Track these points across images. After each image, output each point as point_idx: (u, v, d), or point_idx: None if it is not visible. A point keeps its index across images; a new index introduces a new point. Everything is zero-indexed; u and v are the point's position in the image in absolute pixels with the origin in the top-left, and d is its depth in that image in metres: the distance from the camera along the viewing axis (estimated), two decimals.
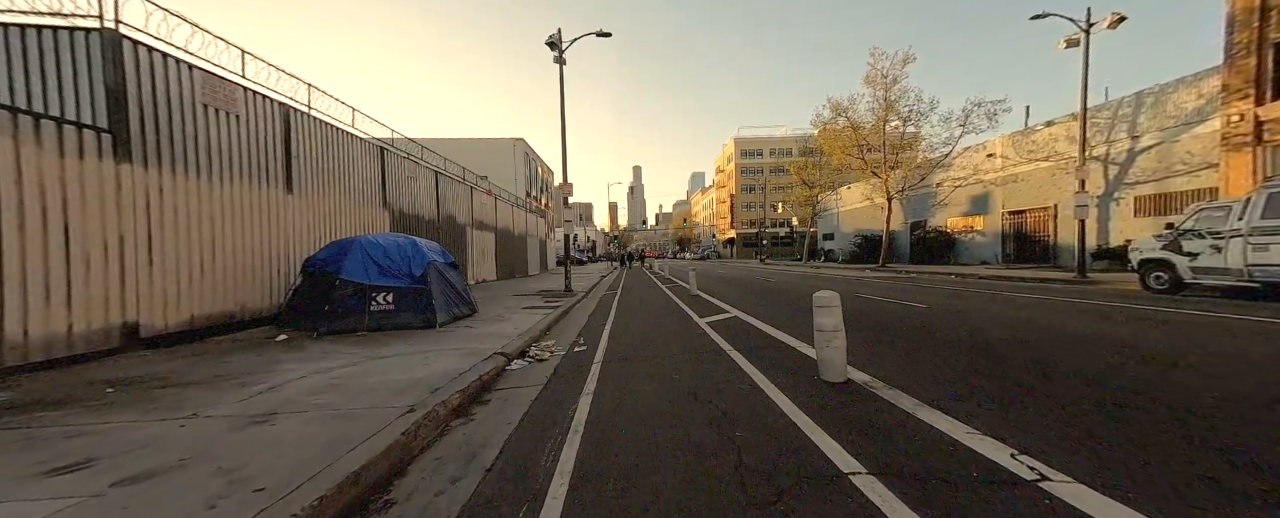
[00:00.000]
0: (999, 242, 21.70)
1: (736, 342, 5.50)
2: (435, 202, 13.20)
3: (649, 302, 10.70)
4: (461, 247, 15.27)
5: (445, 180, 14.05)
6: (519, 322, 7.47)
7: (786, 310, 8.13)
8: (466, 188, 16.01)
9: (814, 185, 34.48)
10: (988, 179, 22.31)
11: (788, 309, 8.33)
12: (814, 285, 13.62)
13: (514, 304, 10.10)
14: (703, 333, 6.20)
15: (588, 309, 9.87)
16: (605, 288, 15.89)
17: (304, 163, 7.77)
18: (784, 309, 8.35)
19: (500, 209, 20.48)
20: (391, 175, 10.68)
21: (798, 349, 4.93)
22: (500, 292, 13.29)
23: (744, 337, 5.82)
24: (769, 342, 5.45)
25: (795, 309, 8.29)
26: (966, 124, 20.10)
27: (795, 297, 10.54)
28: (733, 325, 6.73)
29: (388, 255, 6.67)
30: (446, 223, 13.98)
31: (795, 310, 8.12)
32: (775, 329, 6.19)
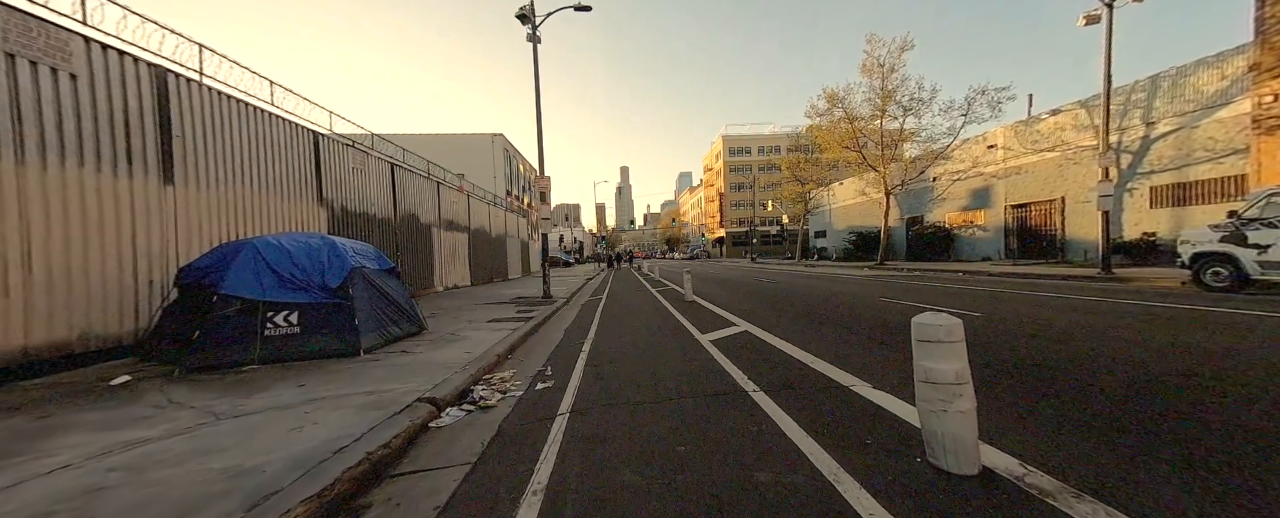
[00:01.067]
0: (1001, 237, 20.84)
1: (760, 374, 4.06)
2: (391, 198, 11.51)
3: (638, 311, 9.23)
4: (426, 250, 13.57)
5: (405, 174, 12.36)
6: (475, 342, 5.93)
7: (805, 322, 6.73)
8: (432, 183, 14.32)
9: (806, 182, 33.47)
10: (989, 172, 21.45)
11: (806, 320, 6.95)
12: (821, 288, 12.31)
13: (479, 316, 8.52)
14: (710, 359, 4.74)
15: (566, 321, 8.36)
16: (590, 293, 14.36)
17: (194, 145, 6.09)
18: (801, 320, 6.96)
19: (475, 208, 18.78)
20: (330, 166, 9.00)
21: (852, 389, 3.50)
22: (469, 300, 11.67)
23: (768, 364, 4.39)
24: (805, 373, 4.03)
25: (814, 320, 6.91)
26: (969, 113, 19.16)
27: (808, 302, 9.18)
28: (747, 346, 5.29)
29: (292, 261, 5.06)
30: (406, 223, 12.29)
31: (814, 322, 6.74)
32: (804, 353, 4.77)
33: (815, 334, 5.70)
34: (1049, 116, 18.30)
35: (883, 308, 7.62)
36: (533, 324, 7.57)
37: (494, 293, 13.87)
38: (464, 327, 7.30)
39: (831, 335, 5.60)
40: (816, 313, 7.40)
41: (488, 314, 8.89)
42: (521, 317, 8.51)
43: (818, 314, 7.29)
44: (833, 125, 22.82)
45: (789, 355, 4.63)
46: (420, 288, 12.88)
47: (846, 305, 8.19)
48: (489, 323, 7.75)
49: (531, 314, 8.73)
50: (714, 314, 7.85)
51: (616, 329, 6.93)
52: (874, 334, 5.57)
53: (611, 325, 7.30)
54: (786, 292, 11.35)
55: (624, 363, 4.74)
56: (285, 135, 7.83)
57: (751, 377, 3.92)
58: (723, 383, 3.80)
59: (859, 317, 6.84)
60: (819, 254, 37.74)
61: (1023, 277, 13.33)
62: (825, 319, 6.80)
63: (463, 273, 16.88)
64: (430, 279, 13.81)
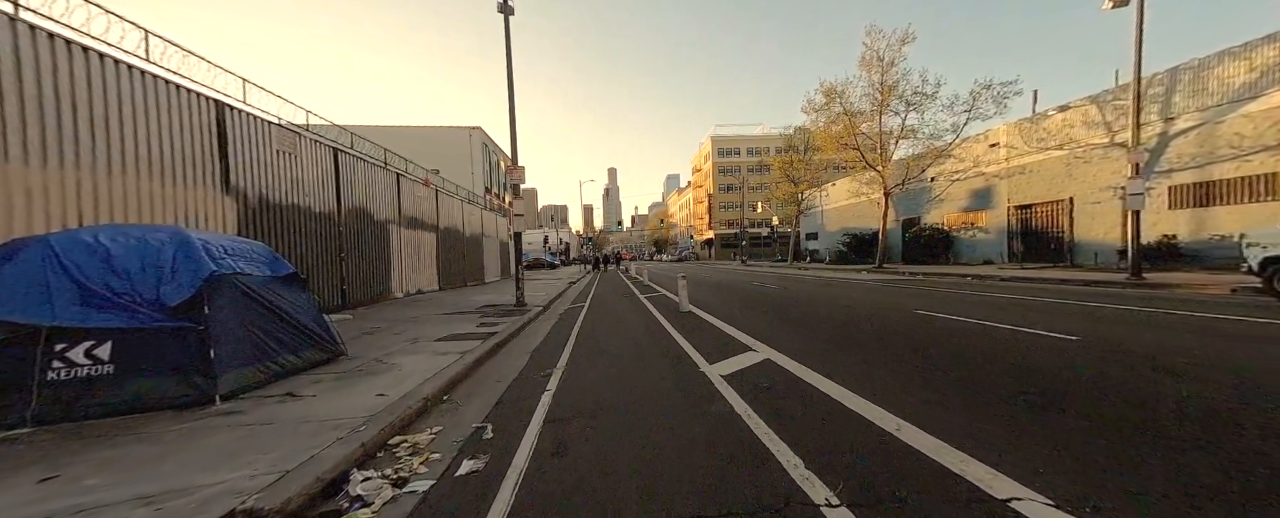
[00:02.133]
0: (1004, 239, 19.99)
1: (822, 453, 2.57)
2: (334, 189, 9.77)
3: (625, 324, 7.72)
4: (381, 250, 11.82)
5: (353, 162, 10.62)
6: (403, 375, 4.35)
7: (842, 346, 5.32)
8: (390, 174, 12.58)
9: (800, 181, 32.47)
10: (990, 171, 20.62)
11: (841, 342, 5.54)
12: (832, 295, 10.98)
13: (429, 332, 6.90)
14: (731, 415, 3.22)
15: (536, 338, 6.81)
16: (571, 300, 12.80)
17: (17, 107, 4.38)
18: (834, 342, 5.55)
19: (445, 205, 17.03)
20: (242, 145, 7.28)
21: (1001, 499, 2.03)
22: (430, 309, 10.00)
23: (825, 431, 2.91)
24: (893, 452, 2.54)
25: (851, 341, 5.51)
26: (973, 109, 18.25)
27: (828, 315, 7.80)
28: (779, 388, 3.83)
29: (110, 266, 3.43)
30: (354, 219, 10.54)
31: (853, 345, 5.33)
32: (871, 405, 3.29)
33: (866, 367, 4.27)
34: (1057, 113, 17.49)
35: (928, 325, 6.27)
36: (492, 344, 6.01)
37: (462, 300, 12.20)
38: (401, 348, 5.70)
39: (890, 370, 4.18)
40: (848, 331, 5.99)
41: (441, 328, 7.27)
42: (482, 332, 6.93)
43: (851, 333, 5.87)
44: (831, 121, 21.74)
45: (851, 412, 3.15)
46: (372, 295, 11.13)
47: (878, 319, 6.83)
48: (436, 342, 6.16)
49: (495, 329, 7.16)
50: (718, 332, 6.38)
51: (596, 354, 5.41)
52: (947, 367, 4.18)
53: (590, 347, 5.78)
54: (796, 300, 9.98)
55: (602, 420, 3.22)
56: (168, 102, 6.11)
57: (812, 461, 2.39)
58: (766, 479, 2.24)
59: (908, 337, 5.45)
60: (811, 257, 36.82)
61: (1040, 282, 12.27)
62: (864, 341, 5.40)
63: (429, 277, 15.12)
64: (386, 284, 12.06)
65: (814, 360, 4.46)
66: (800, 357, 4.64)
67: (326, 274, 9.33)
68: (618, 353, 5.29)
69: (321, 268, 9.16)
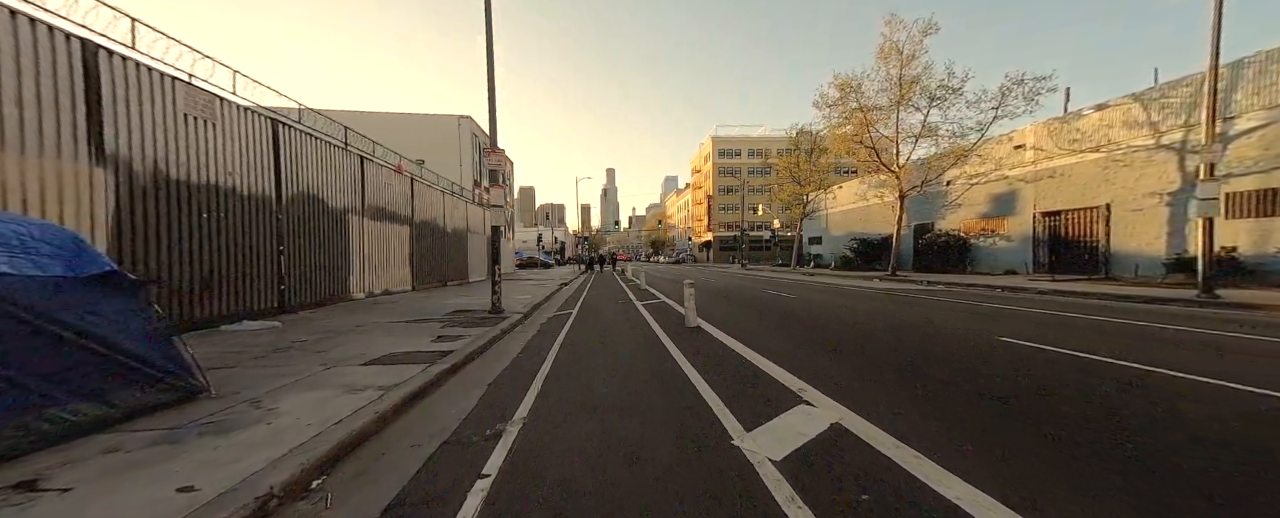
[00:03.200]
0: (1029, 247, 18.61)
1: None
2: (273, 169, 8.14)
3: (618, 345, 6.15)
4: (337, 244, 10.19)
5: (300, 138, 8.99)
6: (267, 437, 2.75)
7: (948, 400, 3.73)
8: (351, 156, 10.95)
9: (805, 183, 31.06)
10: (1015, 175, 19.24)
11: (942, 393, 3.97)
12: (869, 309, 9.46)
13: (361, 351, 5.30)
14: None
15: (500, 362, 5.22)
16: (557, 306, 11.21)
17: None
18: (925, 390, 3.99)
19: (424, 195, 15.40)
20: (122, 102, 5.64)
21: None
22: (385, 315, 8.39)
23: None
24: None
25: (953, 391, 3.97)
26: (1001, 106, 16.85)
27: (891, 343, 6.25)
28: (889, 504, 2.26)
29: None
30: (300, 206, 8.91)
31: (960, 396, 3.79)
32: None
33: (1014, 449, 2.72)
34: (1093, 112, 16.13)
35: (1031, 361, 4.72)
36: (440, 371, 4.43)
37: (432, 303, 10.59)
38: (306, 379, 4.10)
39: (1049, 454, 2.64)
40: (928, 368, 4.39)
41: (384, 344, 5.67)
42: (434, 350, 5.35)
43: (931, 370, 4.26)
44: (845, 117, 20.29)
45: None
46: (321, 297, 9.48)
47: (954, 348, 5.27)
48: (364, 367, 4.57)
49: (453, 347, 5.58)
50: (743, 363, 4.80)
51: (575, 401, 3.83)
52: (1139, 454, 2.64)
53: (568, 387, 4.20)
54: (825, 315, 8.42)
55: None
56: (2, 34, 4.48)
57: None
58: None
59: (1031, 386, 3.87)
60: (814, 262, 35.43)
61: (1087, 296, 10.82)
62: (964, 388, 3.83)
63: (400, 276, 13.48)
64: (343, 284, 10.41)
65: (917, 429, 2.89)
66: (888, 418, 3.07)
67: (257, 272, 7.70)
68: (606, 398, 3.72)
69: (250, 264, 7.53)
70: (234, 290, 7.18)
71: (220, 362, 4.78)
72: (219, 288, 6.87)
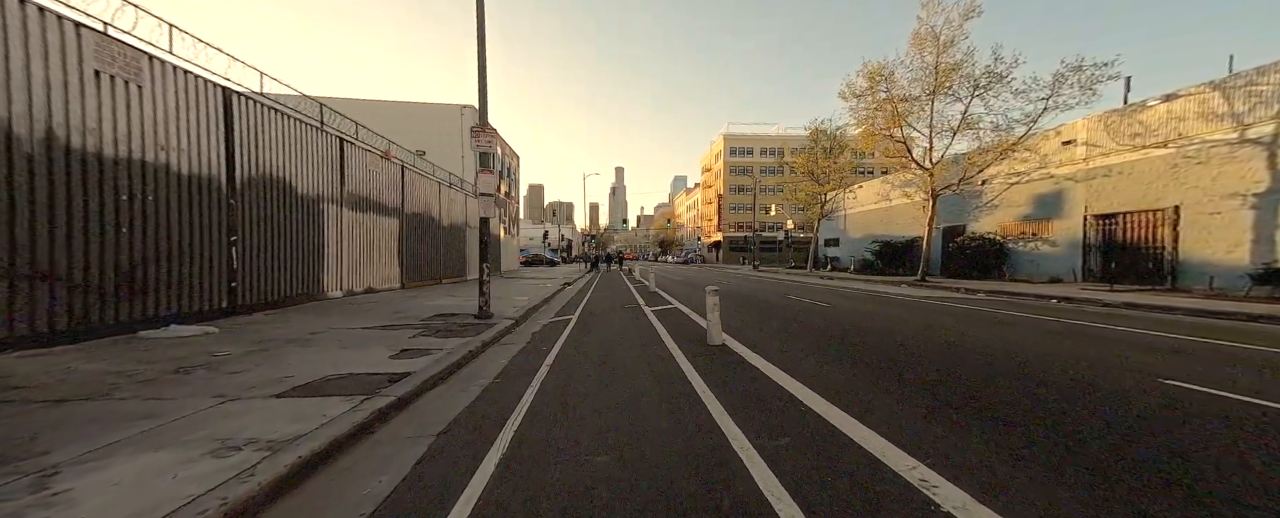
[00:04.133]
0: (1077, 253, 16.91)
1: None
2: (223, 146, 6.95)
3: (622, 367, 4.83)
4: (309, 236, 9.01)
5: (259, 112, 7.79)
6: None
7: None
8: (328, 137, 9.76)
9: (826, 181, 29.45)
10: (1062, 173, 17.53)
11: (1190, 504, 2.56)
12: (925, 324, 8.02)
13: (289, 373, 4.03)
14: None
15: (462, 397, 3.91)
16: (555, 310, 9.93)
17: None
18: (1128, 484, 2.59)
19: (416, 185, 14.24)
20: (19, 59, 4.44)
21: None
22: (355, 319, 7.18)
23: None
24: None
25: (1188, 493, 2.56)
26: (1053, 97, 15.18)
27: (1019, 386, 4.81)
28: None
29: None
30: (260, 191, 7.72)
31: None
32: None
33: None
34: (1159, 103, 14.42)
35: (1240, 420, 3.31)
36: (375, 411, 3.14)
37: (416, 304, 9.38)
38: (177, 422, 2.83)
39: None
40: (1112, 440, 3.01)
41: (327, 362, 4.42)
42: (389, 372, 4.08)
43: (1142, 453, 2.86)
44: (874, 109, 18.69)
45: None
46: (285, 295, 8.30)
47: (1106, 393, 3.86)
48: (276, 400, 3.32)
49: (411, 369, 4.31)
50: (809, 417, 3.36)
51: (556, 472, 2.51)
52: None
53: (547, 447, 2.88)
54: (883, 335, 6.96)
55: None
56: None
57: None
58: None
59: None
60: (831, 264, 33.80)
61: (1180, 312, 9.24)
62: (1227, 493, 2.44)
63: (387, 272, 12.30)
64: (315, 280, 9.24)
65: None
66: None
67: (200, 266, 6.51)
68: (605, 478, 2.38)
69: (190, 257, 6.35)
70: (166, 287, 6.00)
71: (91, 387, 3.56)
72: (144, 284, 5.69)
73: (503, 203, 30.36)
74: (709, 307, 5.44)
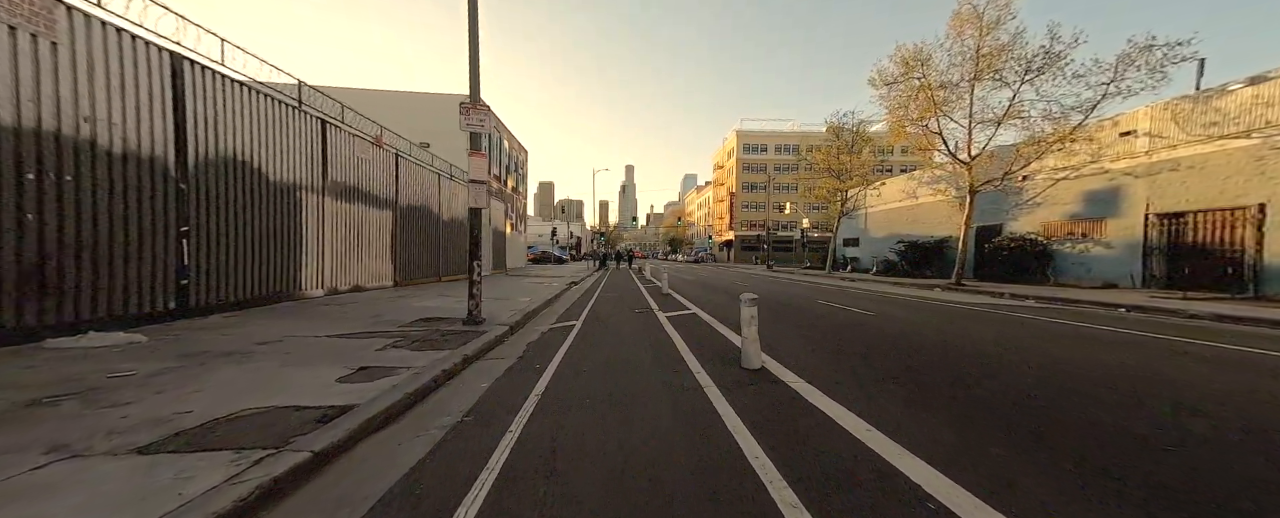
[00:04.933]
0: (1137, 256, 15.28)
1: None
2: (170, 121, 5.96)
3: (635, 398, 3.69)
4: (285, 228, 8.03)
5: (217, 84, 6.79)
6: None
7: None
8: (309, 119, 8.77)
9: (848, 177, 27.92)
10: (1119, 168, 15.89)
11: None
12: (992, 337, 6.74)
13: (182, 409, 2.94)
14: None
15: (411, 450, 2.77)
16: (557, 314, 8.82)
17: None
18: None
19: (412, 176, 13.28)
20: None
21: None
22: (329, 322, 6.16)
23: None
24: None
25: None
26: (1116, 82, 13.59)
27: (1179, 435, 3.58)
28: None
29: None
30: (219, 175, 6.74)
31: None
32: None
33: None
34: (1244, 87, 12.76)
35: None
36: (267, 482, 2.03)
37: (402, 306, 8.36)
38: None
39: None
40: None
41: (252, 388, 3.32)
42: (322, 407, 2.96)
43: None
44: (908, 97, 17.20)
45: None
46: (250, 295, 7.31)
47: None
48: (133, 459, 2.21)
49: (357, 401, 3.22)
50: (930, 505, 2.25)
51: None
52: None
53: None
54: (954, 354, 5.66)
55: None
56: None
57: None
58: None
59: None
60: (851, 265, 32.23)
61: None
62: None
63: (379, 269, 11.34)
64: (291, 278, 8.27)
65: None
66: None
67: (140, 260, 5.54)
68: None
69: (126, 251, 5.37)
70: (91, 287, 5.03)
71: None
72: (58, 283, 4.72)
73: (509, 197, 29.37)
74: (745, 320, 4.25)
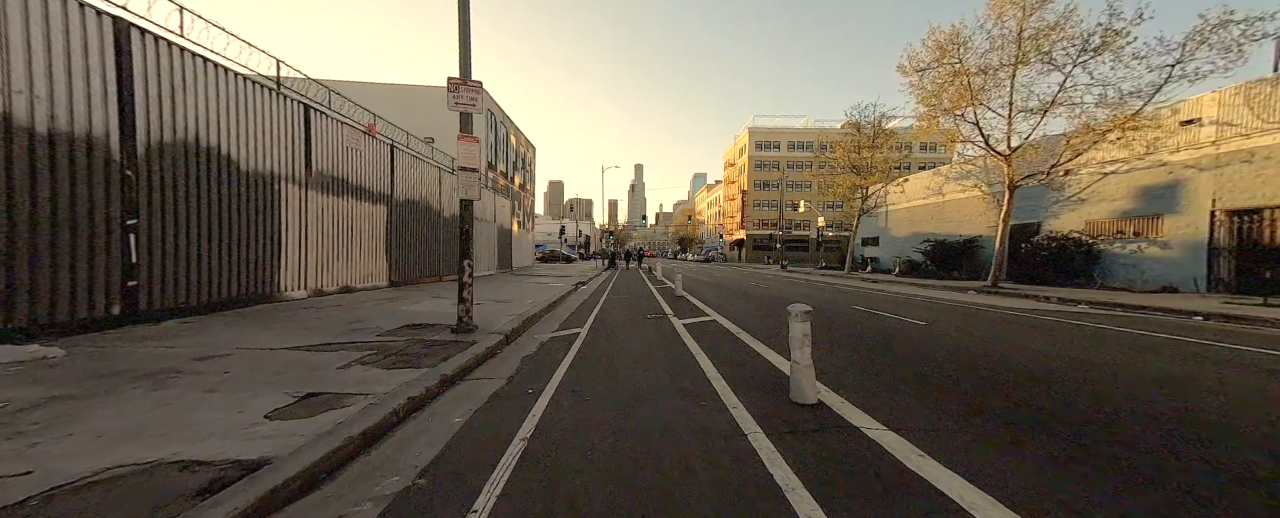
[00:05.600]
0: (1201, 257, 13.85)
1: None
2: (113, 96, 5.16)
3: (657, 473, 2.69)
4: (260, 222, 7.23)
5: (177, 55, 5.99)
6: None
7: None
8: (290, 103, 7.97)
9: (870, 172, 26.58)
10: (1178, 160, 14.46)
11: None
12: (1106, 364, 5.64)
13: (7, 464, 2.05)
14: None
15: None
16: (560, 320, 7.89)
17: None
18: None
19: (409, 168, 12.49)
20: None
21: None
22: (297, 330, 5.32)
23: None
24: None
25: None
26: (1182, 64, 12.21)
27: None
28: None
29: None
30: (174, 161, 5.94)
31: None
32: None
33: None
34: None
35: None
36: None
37: (388, 310, 7.51)
38: None
39: None
40: None
41: (141, 429, 2.38)
42: (210, 467, 1.99)
43: None
44: (943, 83, 15.91)
45: None
46: (217, 298, 6.52)
47: None
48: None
49: (270, 455, 2.28)
50: None
51: None
52: None
53: None
54: (1086, 385, 4.47)
55: None
56: None
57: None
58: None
59: None
60: (871, 266, 30.87)
61: None
62: None
63: (371, 268, 10.56)
64: (268, 277, 7.48)
65: None
66: None
67: (72, 259, 4.75)
68: None
69: (52, 246, 4.58)
70: (8, 287, 4.23)
71: None
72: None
73: (516, 194, 28.62)
74: (796, 340, 3.26)
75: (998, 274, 16.27)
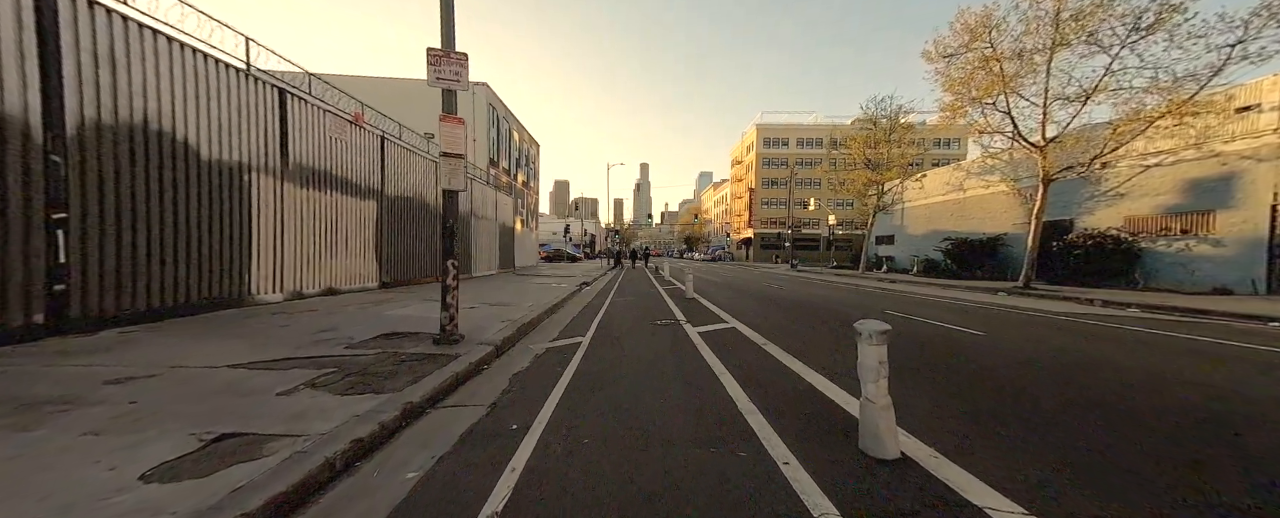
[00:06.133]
0: (1261, 256, 12.71)
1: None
2: (27, 68, 4.40)
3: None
4: (232, 218, 6.48)
5: (118, 25, 5.23)
6: None
7: None
8: (265, 87, 7.21)
9: (888, 167, 25.47)
10: (1232, 150, 13.31)
11: None
12: (1206, 380, 4.66)
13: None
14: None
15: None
16: (560, 327, 7.04)
17: None
18: None
19: (402, 162, 11.74)
20: None
21: None
22: (257, 341, 4.53)
23: None
24: None
25: None
26: (1243, 43, 11.08)
27: None
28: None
29: None
30: (122, 146, 5.18)
31: None
32: None
33: None
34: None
35: None
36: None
37: (369, 315, 6.73)
38: None
39: None
40: None
41: None
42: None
43: None
44: (973, 70, 14.84)
45: None
46: (183, 299, 5.76)
47: None
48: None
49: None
50: None
51: None
52: None
53: None
54: (1227, 425, 3.72)
55: None
56: None
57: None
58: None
59: None
60: (886, 265, 29.75)
61: None
62: None
63: (359, 268, 9.81)
64: (237, 279, 6.73)
65: None
66: None
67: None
68: None
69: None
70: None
71: None
72: None
73: (519, 192, 27.89)
74: (868, 370, 2.39)
75: (1030, 274, 15.19)
